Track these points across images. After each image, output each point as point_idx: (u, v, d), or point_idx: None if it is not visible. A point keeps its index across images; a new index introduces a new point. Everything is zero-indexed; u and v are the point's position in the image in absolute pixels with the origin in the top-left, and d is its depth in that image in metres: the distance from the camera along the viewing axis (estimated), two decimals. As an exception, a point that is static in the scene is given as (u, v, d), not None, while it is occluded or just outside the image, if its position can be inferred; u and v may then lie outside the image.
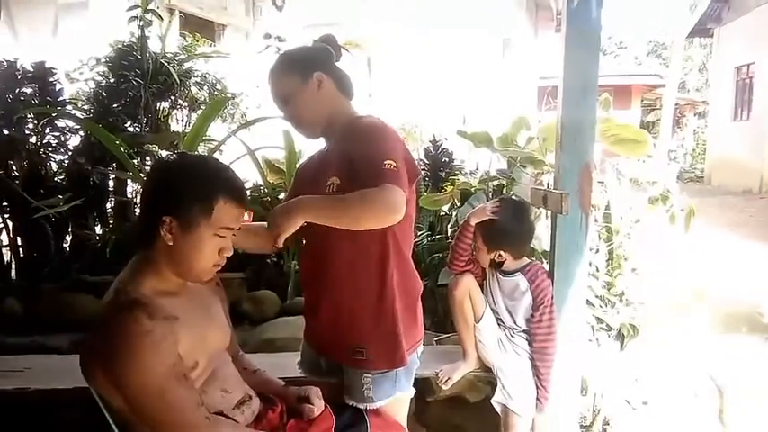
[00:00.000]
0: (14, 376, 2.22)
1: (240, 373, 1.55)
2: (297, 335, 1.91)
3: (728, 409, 2.72)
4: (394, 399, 1.69)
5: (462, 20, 11.30)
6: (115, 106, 4.03)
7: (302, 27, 8.48)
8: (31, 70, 3.71)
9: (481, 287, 2.26)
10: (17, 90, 3.67)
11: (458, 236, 2.23)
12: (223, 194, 1.34)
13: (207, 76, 4.63)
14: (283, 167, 4.07)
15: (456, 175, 4.05)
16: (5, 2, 6.43)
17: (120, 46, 4.14)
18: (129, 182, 3.86)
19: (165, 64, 4.16)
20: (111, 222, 3.90)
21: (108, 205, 3.97)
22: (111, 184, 3.93)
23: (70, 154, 3.82)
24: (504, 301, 2.23)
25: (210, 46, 6.68)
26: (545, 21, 7.98)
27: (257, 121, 4.01)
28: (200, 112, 4.22)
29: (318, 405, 1.57)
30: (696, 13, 13.98)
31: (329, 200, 1.55)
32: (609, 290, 2.84)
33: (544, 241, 2.68)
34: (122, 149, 3.45)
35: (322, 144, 1.80)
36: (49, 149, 3.80)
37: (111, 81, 4.08)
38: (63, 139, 3.83)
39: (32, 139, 3.73)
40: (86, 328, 1.33)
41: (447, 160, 4.04)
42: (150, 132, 4.06)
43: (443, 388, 2.28)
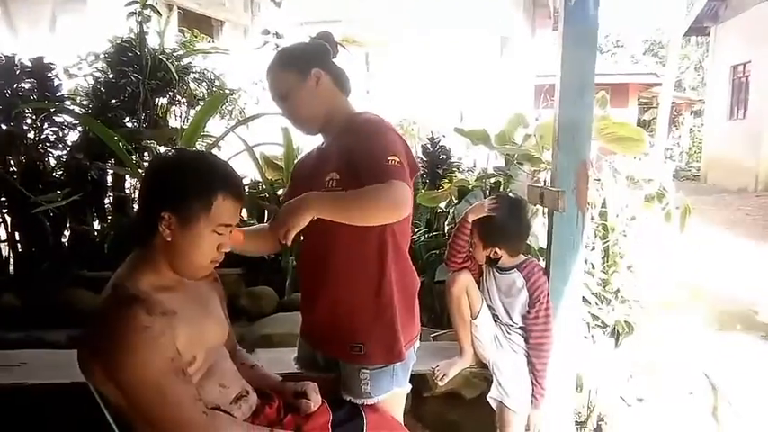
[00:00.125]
0: (12, 371, 2.23)
1: (238, 368, 1.56)
2: (294, 330, 1.92)
3: (723, 407, 2.74)
4: (391, 394, 1.69)
5: (460, 18, 11.30)
6: (114, 102, 4.02)
7: (300, 24, 8.47)
8: (30, 65, 3.69)
9: (478, 284, 2.28)
10: (15, 85, 3.65)
11: (455, 233, 2.24)
12: (222, 190, 1.35)
13: (205, 72, 4.62)
14: (281, 164, 4.06)
15: (453, 172, 4.05)
16: (4, -2, 6.41)
17: (119, 42, 4.13)
18: (127, 177, 3.85)
19: (164, 60, 4.15)
20: (109, 218, 3.90)
21: (106, 201, 3.95)
22: (109, 179, 3.91)
23: (69, 149, 3.81)
24: (501, 297, 2.24)
25: (209, 42, 6.64)
26: (542, 19, 7.97)
27: (255, 117, 4.00)
28: (198, 108, 4.21)
29: (315, 400, 1.57)
30: (693, 12, 13.97)
31: (337, 196, 1.54)
32: (604, 287, 2.85)
33: (541, 238, 2.69)
34: (121, 145, 3.45)
35: (320, 140, 1.81)
36: (48, 145, 3.78)
37: (110, 77, 4.07)
38: (61, 135, 3.81)
39: (31, 135, 3.72)
40: (84, 323, 1.34)
41: (444, 157, 4.04)
42: (149, 128, 4.05)
43: (439, 384, 2.30)
